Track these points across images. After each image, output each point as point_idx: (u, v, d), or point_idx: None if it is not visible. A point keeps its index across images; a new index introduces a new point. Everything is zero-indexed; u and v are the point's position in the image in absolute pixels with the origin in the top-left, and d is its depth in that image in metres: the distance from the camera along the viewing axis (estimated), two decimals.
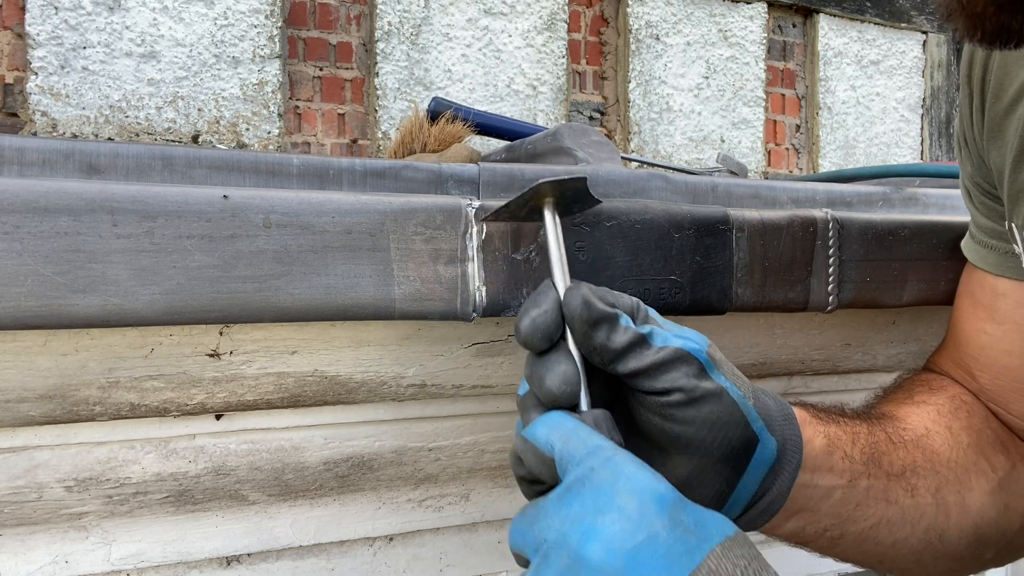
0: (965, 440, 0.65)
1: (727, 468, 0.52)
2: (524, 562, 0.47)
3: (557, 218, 0.52)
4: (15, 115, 2.11)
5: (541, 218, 0.53)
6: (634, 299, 0.53)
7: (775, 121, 3.13)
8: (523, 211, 0.53)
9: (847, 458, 0.58)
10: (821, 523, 0.58)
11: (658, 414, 0.51)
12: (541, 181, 0.49)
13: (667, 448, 0.52)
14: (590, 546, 0.42)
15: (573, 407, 0.50)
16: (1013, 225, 0.64)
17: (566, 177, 0.50)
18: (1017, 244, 0.64)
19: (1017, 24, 0.43)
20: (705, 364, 0.51)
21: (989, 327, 0.68)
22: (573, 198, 0.53)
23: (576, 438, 0.46)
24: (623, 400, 0.54)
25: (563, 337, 0.51)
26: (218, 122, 2.26)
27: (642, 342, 0.50)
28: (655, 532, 0.42)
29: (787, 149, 3.16)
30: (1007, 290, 0.67)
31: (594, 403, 0.50)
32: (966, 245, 0.72)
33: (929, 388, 0.70)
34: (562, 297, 0.50)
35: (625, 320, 0.51)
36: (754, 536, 0.54)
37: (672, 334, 0.52)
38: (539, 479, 0.48)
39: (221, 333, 0.57)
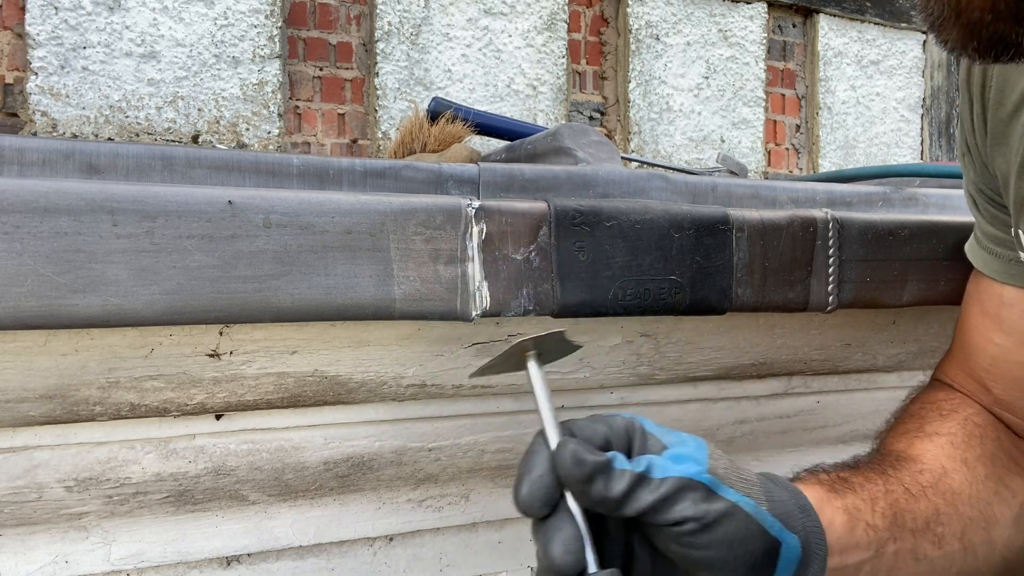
0: (982, 472, 0.63)
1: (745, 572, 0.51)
2: None
3: (541, 369, 0.53)
4: (15, 115, 2.11)
5: (525, 368, 0.53)
6: (626, 418, 0.52)
7: (775, 121, 3.13)
8: (508, 364, 0.54)
9: (870, 527, 0.56)
10: None
11: (675, 542, 0.50)
12: (521, 339, 0.51)
13: (692, 571, 0.51)
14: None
15: (581, 573, 0.48)
16: (1019, 232, 0.63)
17: (544, 333, 0.51)
18: (1023, 251, 0.63)
19: (1016, 36, 0.41)
20: (710, 484, 0.50)
21: (998, 338, 0.67)
22: (554, 348, 0.54)
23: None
24: (640, 528, 0.52)
25: (563, 495, 0.50)
26: (218, 122, 2.26)
27: (642, 481, 0.49)
28: None
29: (787, 149, 3.16)
30: (1013, 299, 0.66)
31: (610, 540, 0.51)
32: (971, 249, 0.71)
33: (940, 414, 0.68)
34: (553, 450, 0.49)
35: (620, 462, 0.49)
36: None
37: (671, 457, 0.50)
38: None
39: (221, 333, 0.57)
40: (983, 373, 0.69)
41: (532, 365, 0.53)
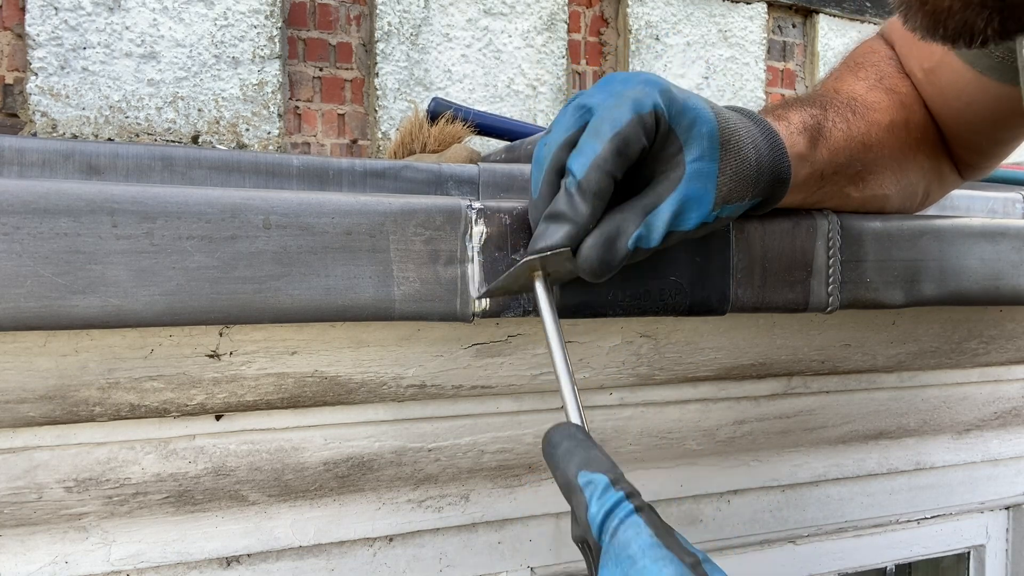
0: (916, 136, 0.72)
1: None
2: None
3: (547, 289, 0.53)
4: (15, 116, 2.11)
5: (533, 289, 0.54)
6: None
7: None
8: (516, 284, 0.54)
9: (820, 178, 0.65)
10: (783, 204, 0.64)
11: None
12: (528, 259, 0.51)
13: None
14: None
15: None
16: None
17: (550, 253, 0.51)
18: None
19: (982, 23, 0.42)
20: (723, 213, 0.55)
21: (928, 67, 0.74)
22: (560, 268, 0.54)
23: (632, 530, 0.45)
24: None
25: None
26: (218, 122, 2.26)
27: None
28: None
29: None
30: (960, 70, 0.71)
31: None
32: None
33: (897, 73, 0.75)
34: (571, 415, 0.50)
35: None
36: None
37: (688, 211, 0.54)
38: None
39: (221, 334, 0.57)
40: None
41: (539, 285, 0.53)
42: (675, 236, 0.54)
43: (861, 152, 0.67)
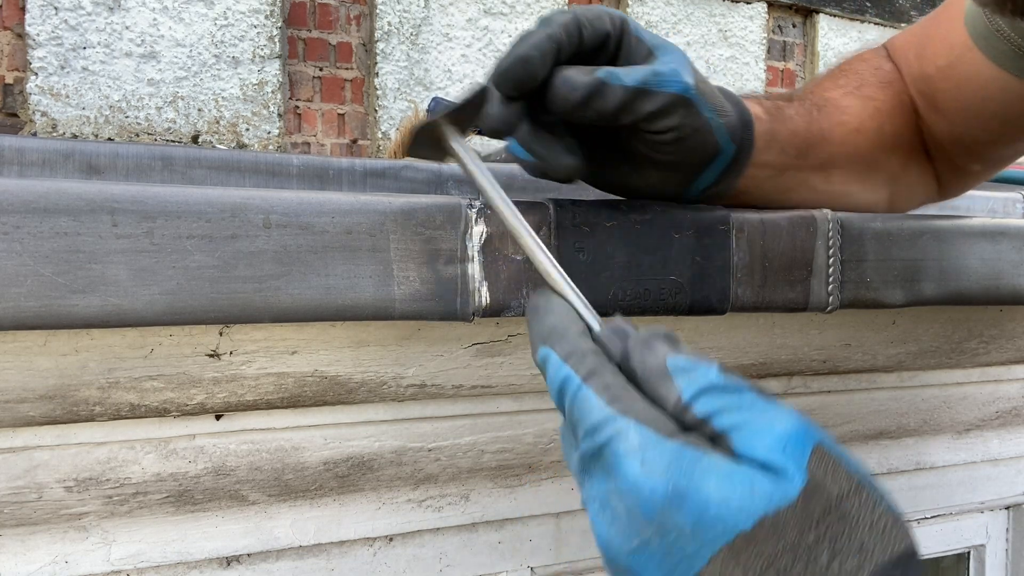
0: (888, 143, 0.74)
1: (692, 172, 0.60)
2: None
3: (463, 142, 0.51)
4: (15, 115, 2.11)
5: (453, 152, 0.51)
6: (616, 18, 0.55)
7: None
8: (432, 151, 0.51)
9: (782, 152, 0.66)
10: (751, 198, 0.67)
11: (647, 145, 0.56)
12: (427, 122, 0.48)
13: (641, 163, 0.59)
14: (601, 543, 0.40)
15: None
16: None
17: (455, 105, 0.48)
18: None
19: None
20: (695, 100, 0.55)
21: (942, 63, 0.74)
22: (469, 111, 0.50)
23: (581, 405, 0.41)
24: (609, 129, 0.58)
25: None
26: (218, 122, 2.26)
27: (639, 95, 0.53)
28: (646, 539, 0.38)
29: None
30: (981, 65, 0.71)
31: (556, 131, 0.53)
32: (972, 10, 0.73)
33: (880, 82, 0.76)
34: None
35: (614, 77, 0.53)
36: None
37: (660, 69, 0.54)
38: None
39: (221, 333, 0.57)
40: (929, 55, 0.76)
41: (456, 146, 0.50)
42: (659, 98, 0.54)
43: (822, 144, 0.68)
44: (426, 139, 0.50)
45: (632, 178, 0.62)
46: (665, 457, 0.37)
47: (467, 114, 0.50)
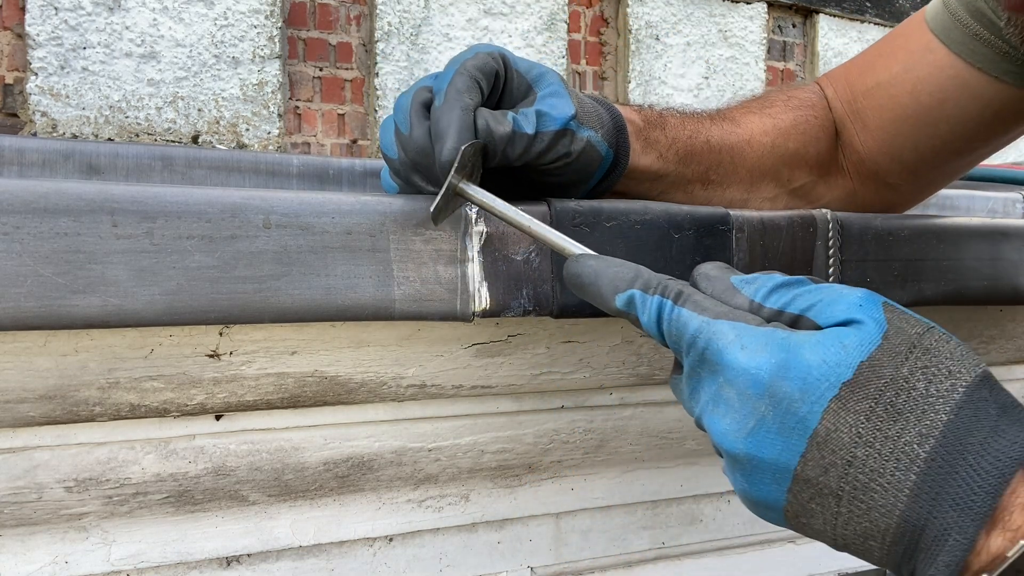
0: (781, 153, 0.76)
1: (582, 184, 0.65)
2: None
3: (477, 186, 0.55)
4: (15, 115, 2.11)
5: (469, 198, 0.55)
6: (495, 56, 0.60)
7: None
8: (453, 203, 0.55)
9: (660, 158, 0.69)
10: (633, 194, 0.70)
11: (540, 173, 0.61)
12: (448, 182, 0.53)
13: (539, 187, 0.63)
14: (719, 439, 0.45)
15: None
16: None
17: (461, 155, 0.53)
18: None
19: None
20: (575, 128, 0.60)
21: (896, 68, 0.77)
22: (475, 160, 0.55)
23: (679, 322, 0.47)
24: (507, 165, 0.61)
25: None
26: (218, 122, 2.26)
27: (534, 138, 0.58)
28: (761, 415, 0.42)
29: None
30: (939, 58, 0.73)
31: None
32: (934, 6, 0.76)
33: (788, 106, 0.79)
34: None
35: (517, 124, 0.58)
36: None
37: (546, 105, 0.59)
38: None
39: (221, 334, 0.57)
40: (857, 81, 0.80)
41: (469, 189, 0.55)
42: (546, 136, 0.59)
43: (706, 151, 0.72)
44: (444, 209, 0.54)
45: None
46: (761, 339, 0.43)
47: (473, 160, 0.55)
